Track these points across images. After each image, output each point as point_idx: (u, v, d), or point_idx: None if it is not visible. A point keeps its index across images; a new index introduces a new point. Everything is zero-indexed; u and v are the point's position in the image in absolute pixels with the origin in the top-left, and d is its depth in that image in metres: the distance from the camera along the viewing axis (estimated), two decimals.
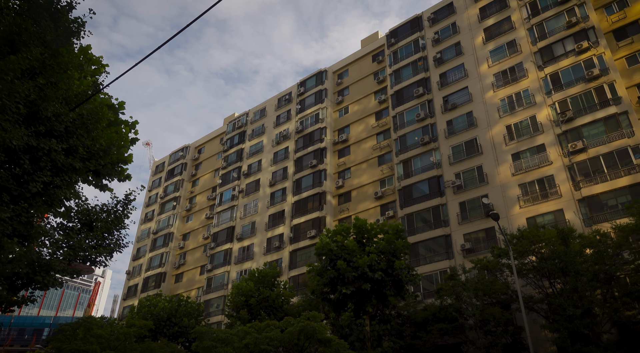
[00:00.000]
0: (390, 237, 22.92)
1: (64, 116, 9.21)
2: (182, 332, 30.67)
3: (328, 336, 15.81)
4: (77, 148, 9.79)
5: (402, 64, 41.78)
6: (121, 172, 12.18)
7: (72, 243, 10.30)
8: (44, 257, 9.92)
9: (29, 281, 9.81)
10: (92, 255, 10.70)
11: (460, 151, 34.67)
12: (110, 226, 11.40)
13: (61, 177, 9.64)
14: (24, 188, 8.88)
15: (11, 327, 70.02)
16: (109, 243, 11.35)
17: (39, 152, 9.06)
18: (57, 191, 9.54)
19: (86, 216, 11.13)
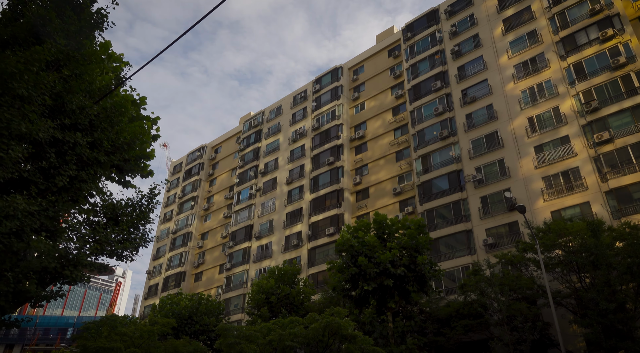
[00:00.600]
0: (412, 232, 22.54)
1: (88, 109, 9.15)
2: (203, 330, 30.75)
3: (353, 332, 15.54)
4: (101, 141, 9.74)
5: (419, 58, 41.22)
6: (144, 168, 12.11)
7: (98, 237, 10.25)
8: (71, 252, 9.88)
9: (57, 276, 9.80)
10: (119, 250, 10.65)
11: (481, 145, 34.02)
12: (135, 221, 11.33)
13: (86, 171, 9.59)
14: (50, 182, 8.85)
15: (37, 326, 71.48)
16: (134, 237, 11.30)
17: (64, 146, 9.02)
18: (83, 185, 9.49)
19: (111, 211, 11.09)
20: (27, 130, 7.55)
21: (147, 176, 12.38)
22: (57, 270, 9.52)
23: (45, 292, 10.17)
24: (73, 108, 8.88)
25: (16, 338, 70.84)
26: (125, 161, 11.09)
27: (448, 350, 24.70)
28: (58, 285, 10.39)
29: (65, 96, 8.70)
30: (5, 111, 7.39)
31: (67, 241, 10.01)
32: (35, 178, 8.58)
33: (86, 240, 9.96)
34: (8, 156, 7.50)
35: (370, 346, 15.58)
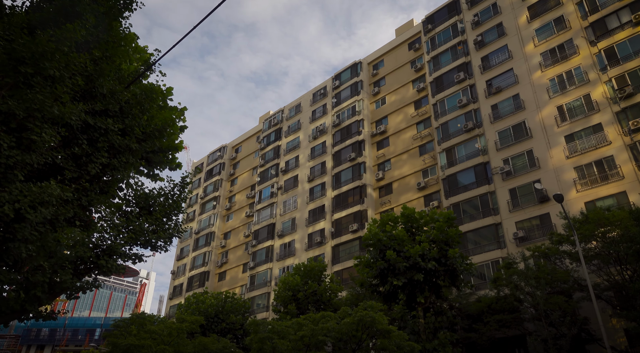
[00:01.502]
0: (441, 225, 21.91)
1: (118, 94, 8.94)
2: (229, 328, 30.68)
3: (388, 327, 15.07)
4: (132, 128, 9.54)
5: (441, 50, 40.39)
6: (172, 160, 11.90)
7: (132, 227, 10.07)
8: (105, 242, 9.72)
9: (92, 266, 9.64)
10: (153, 239, 10.45)
11: (508, 136, 33.08)
12: (168, 211, 11.13)
13: (118, 158, 9.40)
14: (83, 170, 8.68)
15: (66, 328, 72.96)
16: (167, 228, 11.10)
17: (95, 132, 8.84)
18: (115, 173, 9.30)
19: (144, 201, 10.91)
20: (59, 113, 7.37)
21: (176, 169, 12.18)
22: (92, 260, 9.36)
23: (81, 283, 10.01)
24: (104, 92, 8.69)
25: (47, 339, 72.48)
26: (154, 152, 10.89)
27: (481, 346, 23.99)
28: (93, 276, 10.25)
29: (96, 79, 8.52)
30: (37, 91, 7.22)
31: (100, 231, 9.85)
32: (67, 166, 8.41)
33: (120, 229, 9.77)
34: (41, 139, 7.33)
35: (405, 341, 15.09)
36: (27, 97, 7.16)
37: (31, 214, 7.18)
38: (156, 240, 10.62)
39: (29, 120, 7.30)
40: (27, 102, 7.15)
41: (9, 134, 7.32)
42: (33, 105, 7.12)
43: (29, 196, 7.16)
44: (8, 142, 7.12)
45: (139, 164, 10.28)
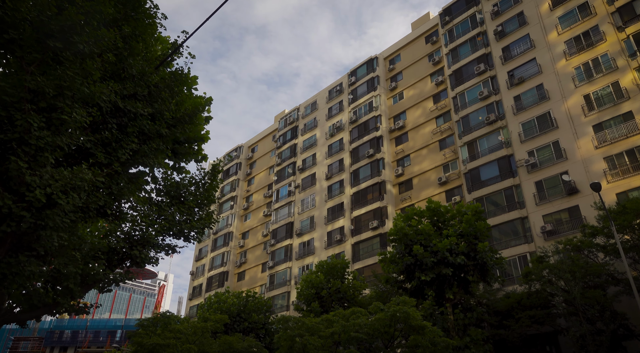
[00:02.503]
0: (469, 218, 21.24)
1: (148, 76, 8.60)
2: (252, 327, 30.36)
3: (422, 322, 14.50)
4: (162, 113, 9.19)
5: (459, 42, 39.57)
6: (198, 152, 11.54)
7: (164, 217, 9.73)
8: (138, 232, 9.39)
9: (124, 258, 9.33)
10: (185, 229, 10.09)
11: (532, 127, 32.16)
12: (200, 199, 10.77)
13: (148, 145, 9.07)
14: (113, 156, 8.37)
15: (87, 329, 73.74)
16: (199, 218, 10.74)
17: (124, 118, 8.51)
18: (145, 160, 8.96)
19: (175, 190, 10.56)
20: (89, 92, 7.04)
21: (202, 161, 11.81)
22: (124, 251, 9.05)
23: (114, 274, 9.69)
24: (133, 73, 8.36)
25: (69, 340, 73.34)
26: (179, 143, 10.54)
27: (512, 343, 23.22)
28: (125, 268, 9.93)
29: (125, 59, 8.20)
30: (66, 68, 6.92)
31: (131, 221, 9.52)
32: (96, 151, 8.10)
33: (152, 219, 9.42)
34: (72, 120, 7.01)
35: (439, 337, 14.52)
36: (57, 73, 6.84)
37: (63, 200, 6.86)
38: (189, 230, 10.26)
39: (58, 99, 6.99)
40: (56, 79, 6.83)
41: (39, 114, 7.01)
42: (63, 82, 6.80)
43: (60, 181, 6.85)
44: (38, 122, 6.82)
45: (168, 151, 9.92)
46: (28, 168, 6.75)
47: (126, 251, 9.27)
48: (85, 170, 7.13)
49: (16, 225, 6.92)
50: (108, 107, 7.92)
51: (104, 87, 7.39)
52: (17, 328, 74.12)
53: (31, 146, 6.80)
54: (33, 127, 6.76)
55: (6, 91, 6.65)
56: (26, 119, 6.71)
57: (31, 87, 6.77)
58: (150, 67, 8.72)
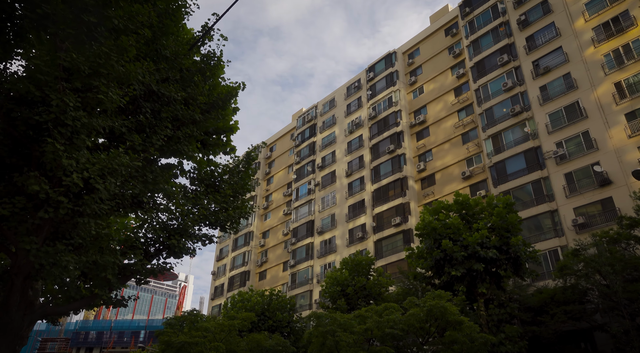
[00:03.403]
0: (500, 211, 20.55)
1: (181, 58, 8.32)
2: (276, 326, 30.11)
3: (460, 317, 13.96)
4: (195, 97, 8.89)
5: (481, 33, 38.67)
6: (227, 143, 11.24)
7: (199, 206, 9.44)
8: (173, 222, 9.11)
9: (162, 248, 9.07)
10: (221, 218, 9.78)
11: (560, 118, 31.18)
12: (236, 188, 10.47)
13: (182, 131, 8.79)
14: (147, 142, 8.11)
15: (112, 330, 74.75)
16: (235, 207, 10.43)
17: (156, 103, 8.24)
18: (179, 147, 8.69)
19: (209, 178, 10.27)
20: (124, 70, 6.79)
21: (230, 154, 11.51)
22: (162, 241, 8.80)
23: (151, 265, 9.42)
24: (167, 55, 8.10)
25: (94, 341, 74.47)
26: (208, 134, 10.24)
27: (547, 340, 22.43)
28: (161, 260, 9.67)
29: (159, 38, 7.92)
30: (101, 44, 6.66)
31: (167, 211, 9.24)
32: (131, 137, 7.84)
33: (188, 209, 9.13)
34: (108, 99, 6.76)
35: (477, 333, 13.96)
36: (92, 50, 6.59)
37: (100, 184, 6.61)
38: (225, 219, 9.96)
39: (93, 78, 6.75)
40: (91, 56, 6.59)
41: (74, 95, 6.76)
42: (98, 59, 6.56)
43: (97, 164, 6.61)
44: (73, 102, 6.58)
45: (201, 137, 9.63)
46: (64, 151, 6.53)
47: (163, 241, 9.01)
48: (122, 154, 6.87)
49: (54, 211, 6.70)
50: (142, 89, 7.66)
51: (139, 66, 7.12)
52: (45, 329, 75.50)
53: (67, 127, 6.56)
54: (69, 107, 6.52)
55: (40, 70, 6.44)
56: (62, 98, 6.47)
57: (65, 65, 6.54)
58: (183, 49, 8.42)
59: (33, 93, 6.41)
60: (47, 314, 8.17)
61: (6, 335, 7.08)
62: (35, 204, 6.90)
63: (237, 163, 11.12)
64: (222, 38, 9.70)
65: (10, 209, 6.73)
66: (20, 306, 7.29)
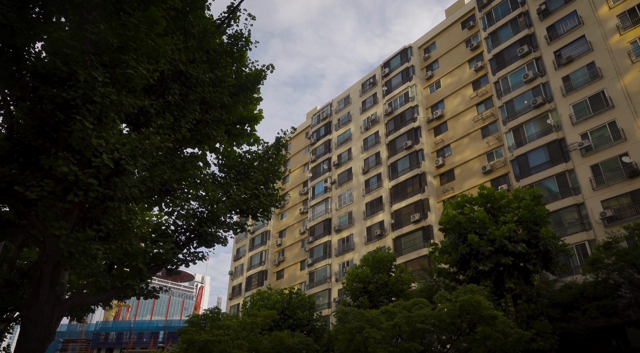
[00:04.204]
0: (528, 203, 19.89)
1: (209, 37, 7.98)
2: (297, 324, 29.77)
3: (494, 312, 13.40)
4: (222, 80, 8.54)
5: (499, 25, 37.85)
6: (251, 134, 10.90)
7: (230, 193, 9.10)
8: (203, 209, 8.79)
9: (193, 236, 8.76)
10: (252, 205, 9.42)
11: (584, 108, 30.26)
12: (267, 174, 10.12)
13: (210, 114, 8.47)
14: (175, 125, 7.80)
15: (131, 331, 75.39)
16: (266, 194, 10.09)
17: (185, 84, 7.91)
18: (208, 131, 8.37)
19: (238, 166, 9.93)
20: (153, 44, 6.48)
21: (254, 145, 11.16)
22: (193, 228, 8.49)
23: (183, 254, 9.09)
24: (194, 33, 7.77)
25: (114, 342, 75.20)
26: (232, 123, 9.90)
27: (578, 336, 21.66)
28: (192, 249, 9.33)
29: (186, 16, 7.60)
30: (130, 15, 6.36)
31: (195, 199, 8.90)
32: (158, 119, 7.51)
33: (218, 196, 8.75)
34: (138, 75, 6.46)
35: (511, 328, 13.40)
36: (120, 22, 6.29)
37: (132, 166, 6.31)
38: (257, 206, 9.61)
39: (122, 52, 6.45)
40: (119, 28, 6.28)
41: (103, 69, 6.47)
42: (127, 31, 6.25)
43: (127, 145, 6.30)
44: (102, 77, 6.28)
45: (229, 122, 9.29)
46: (93, 130, 6.24)
47: (194, 229, 8.67)
48: (152, 134, 6.55)
49: (84, 194, 6.41)
50: (170, 70, 7.34)
51: (168, 41, 6.81)
52: (66, 330, 76.45)
53: (96, 105, 6.26)
54: (97, 82, 6.22)
55: (67, 43, 6.15)
56: (90, 72, 6.18)
57: (93, 38, 6.24)
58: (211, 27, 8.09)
59: (60, 69, 6.13)
60: (76, 305, 7.89)
61: (37, 326, 6.85)
62: (64, 188, 6.62)
63: (266, 149, 10.75)
64: (249, 17, 9.28)
65: (38, 193, 6.46)
66: (50, 297, 7.05)
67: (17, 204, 7.14)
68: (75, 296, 7.83)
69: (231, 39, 8.81)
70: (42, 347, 7.09)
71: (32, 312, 6.92)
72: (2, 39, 6.32)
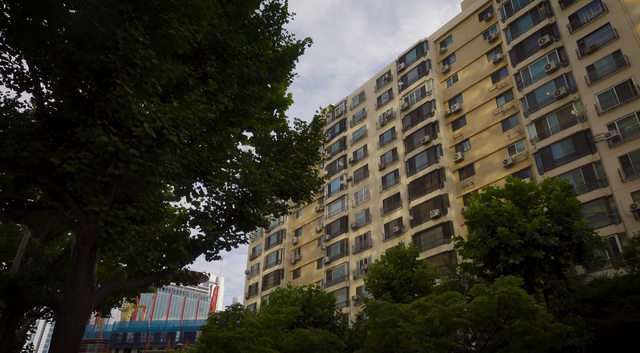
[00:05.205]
0: (559, 194, 19.16)
1: (248, 4, 7.55)
2: (317, 322, 29.32)
3: (534, 305, 12.77)
4: (263, 51, 8.11)
5: (519, 15, 36.99)
6: (280, 120, 10.46)
7: (269, 172, 8.67)
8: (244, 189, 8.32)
9: (233, 218, 8.33)
10: (293, 185, 8.91)
11: (611, 98, 29.33)
12: (308, 152, 9.65)
13: (248, 89, 8.04)
14: (213, 101, 7.37)
15: (149, 331, 75.76)
16: (308, 174, 9.64)
17: (219, 61, 7.51)
18: (245, 107, 7.93)
19: (276, 145, 9.50)
20: (194, 5, 6.06)
21: (283, 132, 10.71)
22: (235, 209, 8.06)
23: (224, 236, 8.61)
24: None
25: (132, 342, 75.66)
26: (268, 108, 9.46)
27: (613, 332, 20.82)
28: (232, 231, 8.88)
29: None
30: None
31: (235, 182, 8.42)
32: (198, 89, 7.06)
33: (260, 175, 8.24)
34: (180, 36, 6.04)
35: (551, 323, 12.78)
36: None
37: (174, 136, 5.90)
38: (298, 188, 9.15)
39: (163, 12, 6.03)
40: None
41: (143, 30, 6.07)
42: None
43: (169, 113, 5.89)
44: (142, 37, 5.87)
45: (267, 99, 8.86)
46: (134, 97, 5.84)
47: (235, 209, 8.22)
48: (195, 102, 6.14)
49: (125, 166, 6.02)
50: (207, 39, 6.93)
51: (210, 3, 6.37)
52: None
53: (136, 68, 5.87)
54: (138, 43, 5.82)
55: (104, 1, 5.75)
56: (130, 32, 5.78)
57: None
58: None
59: (97, 30, 5.74)
60: (114, 291, 7.52)
61: (75, 311, 6.48)
62: (103, 161, 6.25)
63: (305, 128, 10.29)
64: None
65: (76, 166, 6.08)
66: (88, 281, 6.68)
67: (51, 183, 6.79)
68: (113, 281, 7.44)
69: (267, 11, 8.39)
70: (80, 333, 6.75)
71: (69, 296, 6.55)
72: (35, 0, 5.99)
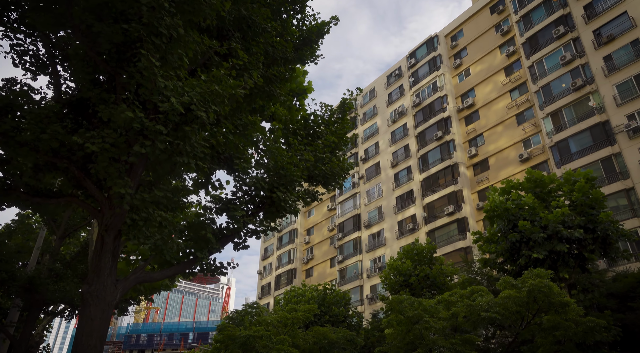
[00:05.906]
0: (582, 186, 18.63)
1: None
2: (333, 320, 28.99)
3: (565, 299, 12.33)
4: (288, 29, 7.79)
5: (532, 7, 36.35)
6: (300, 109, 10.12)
7: (299, 156, 8.35)
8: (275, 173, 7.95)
9: (262, 205, 8.02)
10: (324, 169, 8.55)
11: (630, 88, 28.65)
12: (337, 135, 9.31)
13: (274, 69, 7.73)
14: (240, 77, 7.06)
15: (162, 333, 76.00)
16: (337, 159, 9.31)
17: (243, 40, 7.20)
18: (271, 88, 7.61)
19: (304, 128, 9.18)
20: None
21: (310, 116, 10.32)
22: (264, 195, 7.76)
23: (253, 224, 8.24)
24: None
25: (145, 344, 75.94)
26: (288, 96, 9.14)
27: (639, 328, 20.22)
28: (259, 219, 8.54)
29: None
30: None
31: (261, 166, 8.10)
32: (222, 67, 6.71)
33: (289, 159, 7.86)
34: (207, 4, 5.73)
35: (582, 318, 12.32)
36: None
37: (203, 112, 5.60)
38: (328, 172, 8.80)
39: None
40: None
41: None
42: None
43: (197, 88, 5.60)
44: (167, 4, 5.54)
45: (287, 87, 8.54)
46: (160, 68, 5.55)
47: (264, 195, 7.89)
48: (224, 76, 5.84)
49: (151, 144, 5.73)
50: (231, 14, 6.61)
51: None
52: None
53: (162, 37, 5.57)
54: (163, 9, 5.51)
55: None
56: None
57: None
58: None
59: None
60: (140, 281, 7.21)
61: (100, 302, 6.22)
62: (127, 141, 5.96)
63: (332, 112, 9.95)
64: None
65: (99, 145, 5.79)
66: (112, 271, 6.42)
67: (72, 168, 6.53)
68: (138, 271, 7.15)
69: None
70: (106, 325, 6.48)
71: (93, 287, 6.27)
72: None
